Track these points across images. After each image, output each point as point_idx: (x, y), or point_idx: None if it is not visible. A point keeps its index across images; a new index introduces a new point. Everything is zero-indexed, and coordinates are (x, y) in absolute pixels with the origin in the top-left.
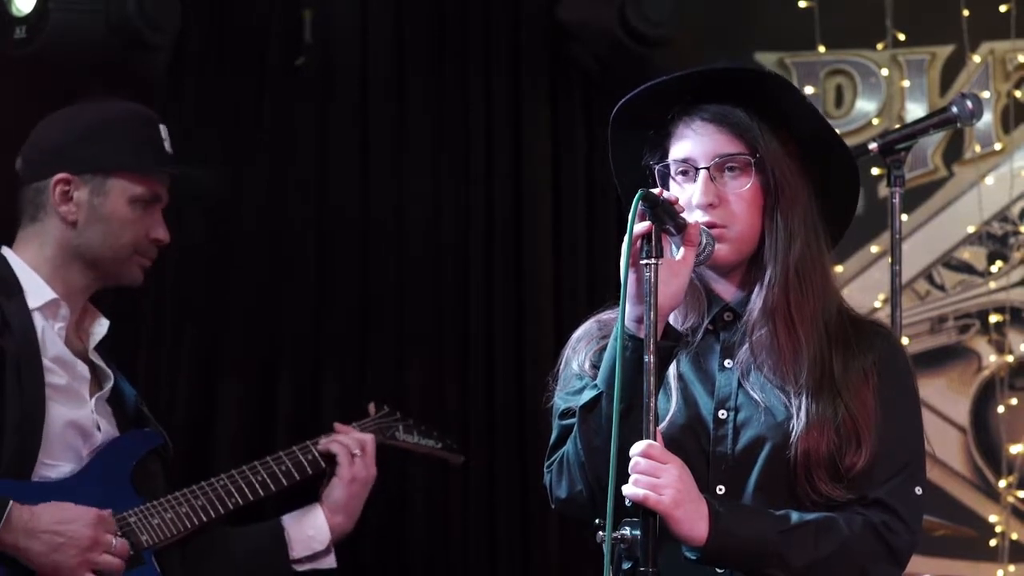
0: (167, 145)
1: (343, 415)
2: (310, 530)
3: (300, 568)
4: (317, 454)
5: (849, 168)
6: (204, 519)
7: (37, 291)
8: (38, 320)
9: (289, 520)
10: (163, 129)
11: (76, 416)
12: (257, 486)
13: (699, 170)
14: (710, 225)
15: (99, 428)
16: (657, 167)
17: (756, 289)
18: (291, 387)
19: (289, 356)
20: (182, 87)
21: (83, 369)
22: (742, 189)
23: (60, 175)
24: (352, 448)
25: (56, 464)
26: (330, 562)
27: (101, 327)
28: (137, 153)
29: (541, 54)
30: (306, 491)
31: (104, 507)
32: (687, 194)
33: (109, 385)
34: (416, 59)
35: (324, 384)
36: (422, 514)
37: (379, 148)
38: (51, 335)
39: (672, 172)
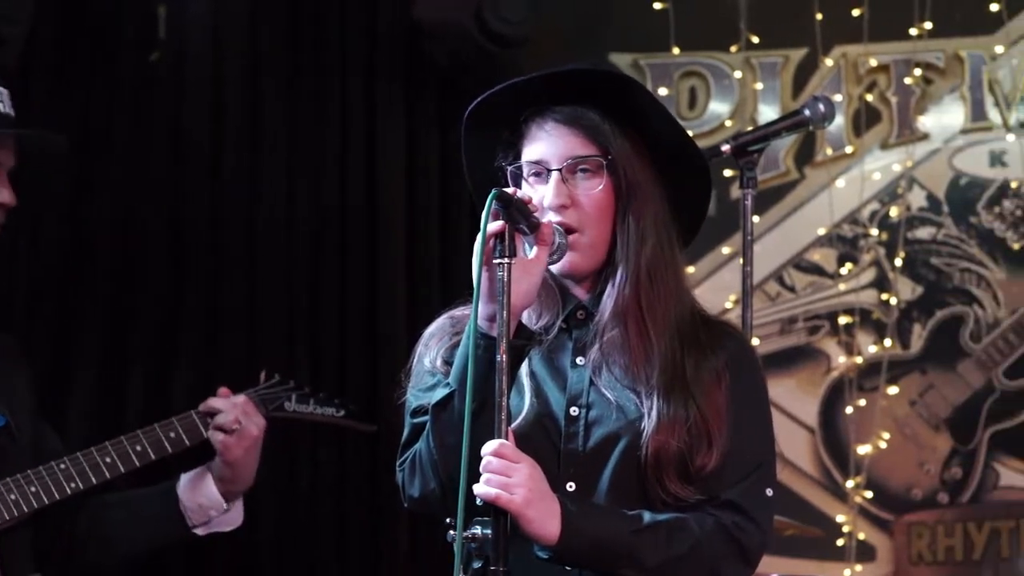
0: (3, 107)
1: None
2: (202, 499)
3: (202, 532)
4: (181, 431)
5: (700, 170)
6: (36, 506)
7: None
8: None
9: (183, 486)
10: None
11: None
12: (104, 468)
13: (551, 172)
14: (563, 227)
15: None
16: (510, 168)
17: (608, 289)
18: (142, 383)
19: (141, 351)
20: (34, 81)
21: None
22: (594, 191)
23: None
24: (228, 426)
25: None
26: (234, 519)
27: None
28: None
29: (397, 53)
30: None
31: None
32: (539, 195)
33: None
34: (271, 56)
35: (175, 383)
36: (270, 511)
37: (233, 145)
38: None
39: (525, 173)
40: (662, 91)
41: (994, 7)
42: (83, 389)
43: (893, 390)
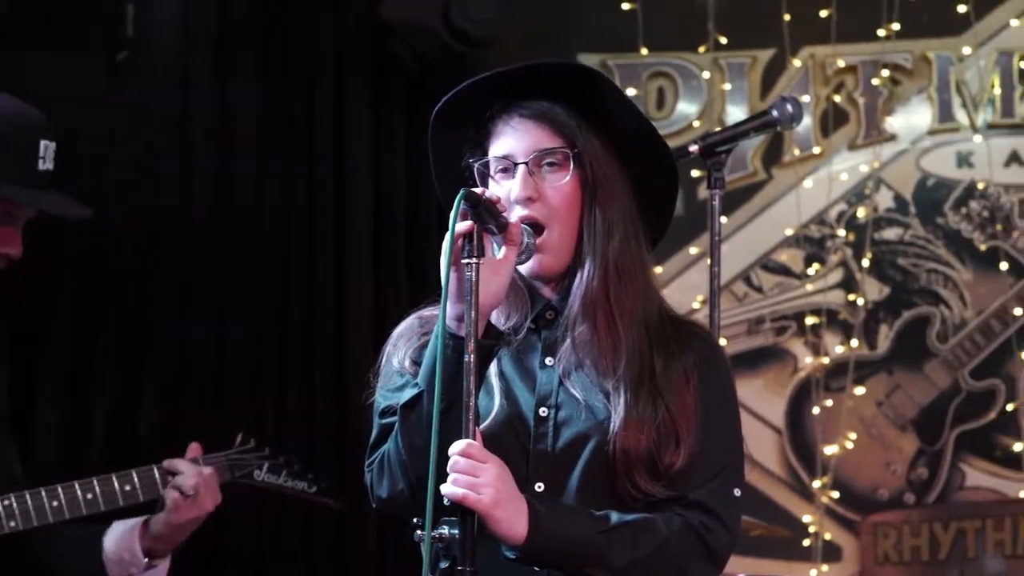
0: (43, 162)
1: (161, 423)
2: (125, 553)
3: None
4: (137, 485)
5: (667, 168)
6: None
7: None
8: None
9: (110, 536)
10: (43, 145)
11: None
12: (48, 512)
13: (518, 165)
14: (530, 220)
15: None
16: (476, 165)
17: (576, 282)
18: (109, 387)
19: (109, 354)
20: (1, 80)
21: None
22: (561, 183)
23: None
24: (186, 490)
25: None
26: (159, 574)
27: None
28: None
29: (365, 53)
30: None
31: None
32: (506, 190)
33: None
34: (239, 55)
35: (144, 384)
36: (238, 510)
37: (201, 146)
38: None
39: (491, 169)
40: (630, 91)
41: (961, 8)
42: (47, 410)
43: (860, 390)
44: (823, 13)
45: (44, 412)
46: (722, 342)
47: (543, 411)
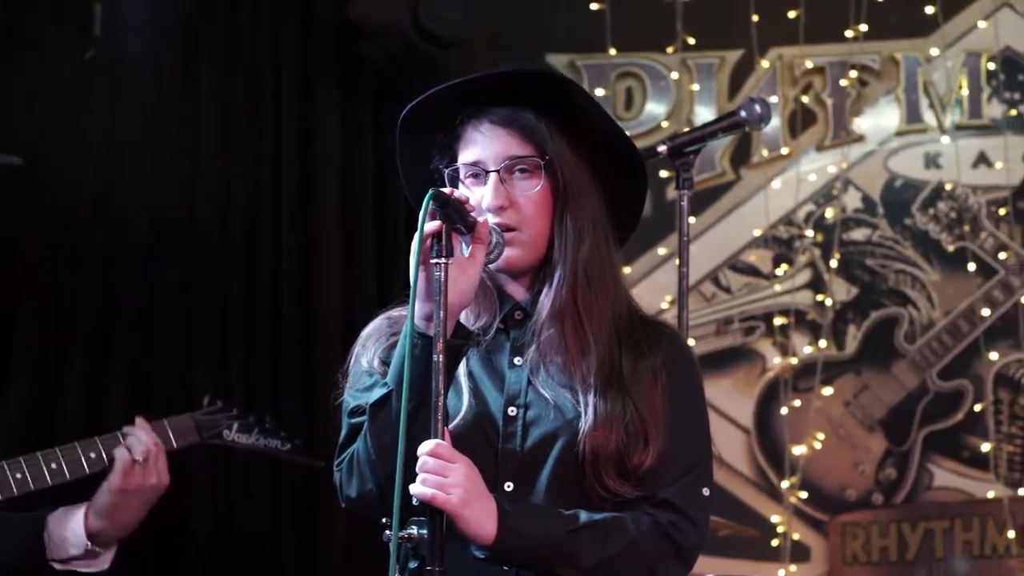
0: None
1: (128, 412)
2: (67, 533)
3: (59, 567)
4: (102, 451)
5: (637, 170)
6: None
7: None
8: None
9: (54, 517)
10: None
11: None
12: (12, 485)
13: (489, 173)
14: (501, 227)
15: None
16: (446, 170)
17: (545, 289)
18: (77, 381)
19: (77, 353)
20: None
21: None
22: (532, 191)
23: None
24: (135, 453)
25: None
26: (98, 565)
27: None
28: None
29: (333, 52)
30: None
31: None
32: (477, 197)
33: None
34: (207, 55)
35: (111, 384)
36: (205, 511)
37: (169, 144)
38: None
39: (461, 175)
40: (599, 92)
41: (929, 10)
42: (17, 393)
43: (828, 391)
44: (791, 14)
45: (13, 398)
46: (690, 342)
47: (512, 411)
